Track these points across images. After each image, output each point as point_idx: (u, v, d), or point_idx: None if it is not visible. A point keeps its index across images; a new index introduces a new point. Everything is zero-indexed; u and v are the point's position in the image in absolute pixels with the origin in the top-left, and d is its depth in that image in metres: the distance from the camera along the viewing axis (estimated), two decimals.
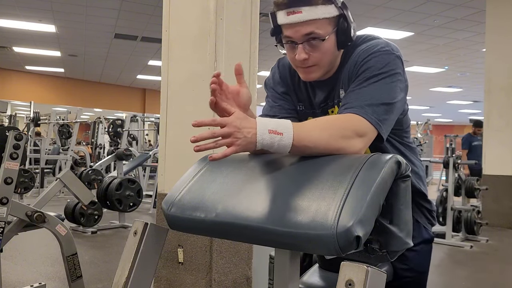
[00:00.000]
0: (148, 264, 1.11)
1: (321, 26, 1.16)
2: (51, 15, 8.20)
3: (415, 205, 1.34)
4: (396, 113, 1.17)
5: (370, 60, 1.16)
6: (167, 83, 2.73)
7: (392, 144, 1.29)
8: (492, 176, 6.56)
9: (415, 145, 1.40)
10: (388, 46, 1.19)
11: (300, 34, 1.17)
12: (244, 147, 1.00)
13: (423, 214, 1.37)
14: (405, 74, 1.22)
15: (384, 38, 1.25)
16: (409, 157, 1.33)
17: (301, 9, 1.14)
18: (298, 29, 1.17)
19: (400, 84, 1.17)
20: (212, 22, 2.51)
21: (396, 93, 1.15)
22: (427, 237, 1.37)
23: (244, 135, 0.98)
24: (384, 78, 1.14)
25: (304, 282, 1.33)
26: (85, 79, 15.29)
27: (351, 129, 1.07)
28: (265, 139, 1.00)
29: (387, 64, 1.15)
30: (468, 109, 20.20)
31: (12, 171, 2.36)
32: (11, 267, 3.93)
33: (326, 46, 1.19)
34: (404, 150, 1.32)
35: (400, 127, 1.29)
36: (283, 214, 0.90)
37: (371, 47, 1.19)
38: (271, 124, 1.02)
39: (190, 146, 1.06)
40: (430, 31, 8.56)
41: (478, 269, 4.44)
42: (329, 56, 1.22)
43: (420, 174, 1.36)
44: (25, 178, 7.50)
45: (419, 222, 1.35)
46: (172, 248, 2.61)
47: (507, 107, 6.55)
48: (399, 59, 1.19)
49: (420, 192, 1.35)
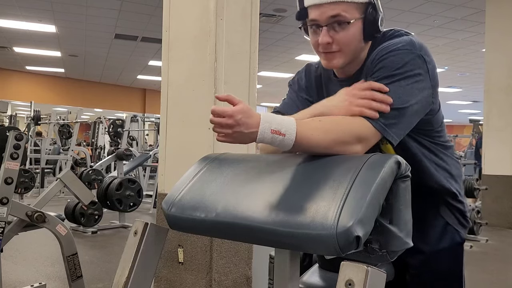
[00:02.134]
0: (148, 264, 1.11)
1: (348, 9, 1.12)
2: (51, 15, 8.20)
3: (446, 205, 1.29)
4: (411, 115, 1.11)
5: (386, 59, 1.12)
6: (167, 83, 2.73)
7: (421, 143, 1.24)
8: (491, 176, 6.56)
9: (451, 144, 1.34)
10: (411, 44, 1.13)
11: (326, 15, 1.13)
12: (239, 140, 1.02)
13: (454, 216, 1.30)
14: (432, 73, 1.15)
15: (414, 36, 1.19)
16: (440, 155, 1.27)
17: None
18: (324, 10, 1.13)
19: (419, 84, 1.11)
20: (212, 22, 2.51)
21: (411, 95, 1.09)
22: (458, 240, 1.30)
23: (241, 130, 0.99)
24: (399, 80, 1.09)
25: (304, 282, 1.33)
26: (85, 79, 15.29)
27: (352, 134, 1.05)
28: (265, 137, 1.01)
29: (404, 65, 1.10)
30: (468, 109, 20.19)
31: (12, 171, 2.36)
32: (11, 267, 3.93)
33: (351, 31, 1.14)
34: (435, 149, 1.26)
35: (431, 127, 1.24)
36: (283, 214, 0.90)
37: (392, 45, 1.14)
38: (275, 123, 1.01)
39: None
40: (429, 31, 8.56)
41: (478, 269, 4.44)
42: (354, 44, 1.17)
43: (452, 172, 1.29)
44: (25, 178, 7.51)
45: (450, 224, 1.29)
46: (172, 248, 2.61)
47: (507, 107, 6.55)
48: (421, 58, 1.12)
49: (451, 192, 1.28)
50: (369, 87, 1.10)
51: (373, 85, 1.09)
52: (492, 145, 6.65)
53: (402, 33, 1.20)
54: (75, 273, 2.44)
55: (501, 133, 6.57)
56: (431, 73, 1.14)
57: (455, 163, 1.32)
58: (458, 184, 1.31)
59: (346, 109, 1.10)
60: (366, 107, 1.07)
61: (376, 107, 1.07)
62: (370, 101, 1.07)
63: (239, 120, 0.98)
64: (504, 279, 4.16)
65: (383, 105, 1.07)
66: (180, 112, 2.67)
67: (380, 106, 1.07)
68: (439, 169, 1.27)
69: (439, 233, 1.29)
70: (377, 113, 1.07)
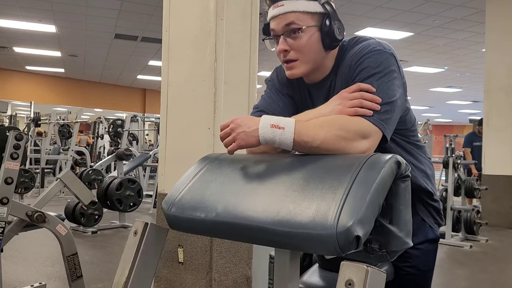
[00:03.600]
0: (148, 264, 1.11)
1: (301, 18, 1.19)
2: (51, 15, 8.20)
3: (422, 203, 1.34)
4: (397, 111, 1.17)
5: (364, 62, 1.17)
6: (167, 83, 2.73)
7: (397, 143, 1.29)
8: (492, 176, 6.55)
9: (423, 143, 1.39)
10: (380, 45, 1.20)
11: (281, 25, 1.21)
12: (245, 141, 1.07)
13: (430, 214, 1.36)
14: (402, 71, 1.22)
15: (377, 38, 1.25)
16: (416, 155, 1.33)
17: (283, 2, 1.20)
18: (279, 21, 1.21)
19: (396, 81, 1.17)
20: (212, 22, 2.51)
21: (394, 90, 1.16)
22: (433, 236, 1.36)
23: (243, 130, 1.07)
24: (381, 78, 1.14)
25: (304, 282, 1.33)
26: (85, 79, 15.29)
27: (353, 131, 1.07)
28: (266, 132, 1.06)
29: (381, 63, 1.16)
30: (467, 109, 20.20)
31: (12, 171, 2.36)
32: (11, 267, 3.93)
33: (304, 38, 1.21)
34: (410, 148, 1.32)
35: (405, 126, 1.29)
36: (283, 214, 0.90)
37: (363, 49, 1.20)
38: (274, 119, 1.08)
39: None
40: (429, 31, 8.56)
41: (478, 269, 4.44)
42: (312, 52, 1.23)
43: (427, 172, 1.35)
44: (25, 178, 7.50)
45: (425, 221, 1.35)
46: (172, 248, 2.61)
47: (507, 107, 6.55)
48: (393, 57, 1.19)
49: (427, 191, 1.34)
50: (358, 88, 1.14)
51: (361, 86, 1.14)
52: (492, 145, 6.65)
53: (367, 38, 1.26)
54: (75, 273, 2.44)
55: (501, 133, 6.57)
56: (401, 70, 1.22)
57: (429, 164, 1.38)
58: (432, 184, 1.37)
59: (340, 112, 1.13)
60: (359, 106, 1.12)
61: (368, 105, 1.11)
62: (361, 101, 1.12)
63: (239, 122, 1.08)
64: (504, 279, 4.16)
65: (374, 104, 1.12)
66: (180, 112, 2.67)
67: (372, 104, 1.12)
68: (415, 169, 1.31)
69: (415, 229, 1.31)
70: (370, 110, 1.11)
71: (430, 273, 1.38)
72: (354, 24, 8.04)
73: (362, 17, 7.75)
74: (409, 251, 1.27)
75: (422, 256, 1.34)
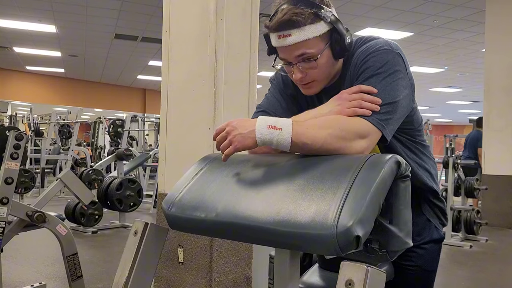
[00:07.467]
0: (148, 264, 1.11)
1: (312, 45, 1.16)
2: (51, 15, 8.20)
3: (428, 204, 1.34)
4: (401, 111, 1.16)
5: (369, 60, 1.16)
6: (167, 83, 2.73)
7: (402, 143, 1.28)
8: (492, 176, 6.55)
9: (428, 144, 1.39)
10: (387, 44, 1.19)
11: (293, 56, 1.19)
12: (242, 144, 1.05)
13: (436, 214, 1.35)
14: (409, 72, 1.21)
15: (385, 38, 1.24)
16: (420, 155, 1.32)
17: (290, 32, 1.15)
18: (290, 52, 1.18)
19: (402, 81, 1.16)
20: (212, 22, 2.51)
21: (398, 91, 1.14)
22: (437, 237, 1.36)
23: (239, 132, 1.05)
24: (385, 78, 1.13)
25: (304, 282, 1.34)
26: (85, 79, 15.29)
27: (351, 131, 1.07)
28: (263, 133, 1.04)
29: (386, 63, 1.15)
30: (467, 109, 20.19)
31: (12, 171, 2.36)
32: (11, 267, 3.93)
33: (321, 62, 1.19)
34: (415, 148, 1.31)
35: (411, 126, 1.28)
36: (283, 214, 0.90)
37: (369, 47, 1.19)
38: (271, 120, 1.06)
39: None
40: (429, 31, 8.56)
41: (478, 269, 4.45)
42: (327, 70, 1.23)
43: (431, 172, 1.35)
44: (25, 178, 7.50)
45: (430, 221, 1.34)
46: (172, 248, 2.61)
47: (507, 107, 6.55)
48: (400, 57, 1.17)
49: (432, 190, 1.33)
50: (358, 90, 1.14)
51: (362, 88, 1.14)
52: (492, 145, 6.65)
53: (375, 37, 1.24)
54: (75, 273, 2.44)
55: (501, 133, 6.57)
56: (408, 70, 1.20)
57: (432, 163, 1.38)
58: (436, 183, 1.37)
59: (339, 112, 1.13)
60: (358, 107, 1.11)
61: (367, 106, 1.11)
62: (360, 102, 1.11)
63: (235, 125, 1.07)
64: (504, 279, 4.16)
65: (373, 105, 1.11)
66: (180, 112, 2.67)
67: (371, 105, 1.11)
68: (420, 169, 1.31)
69: (420, 229, 1.33)
70: (369, 111, 1.11)
71: (434, 274, 1.38)
72: (354, 24, 8.04)
73: (362, 17, 7.75)
74: (414, 250, 1.28)
75: (427, 256, 1.34)
